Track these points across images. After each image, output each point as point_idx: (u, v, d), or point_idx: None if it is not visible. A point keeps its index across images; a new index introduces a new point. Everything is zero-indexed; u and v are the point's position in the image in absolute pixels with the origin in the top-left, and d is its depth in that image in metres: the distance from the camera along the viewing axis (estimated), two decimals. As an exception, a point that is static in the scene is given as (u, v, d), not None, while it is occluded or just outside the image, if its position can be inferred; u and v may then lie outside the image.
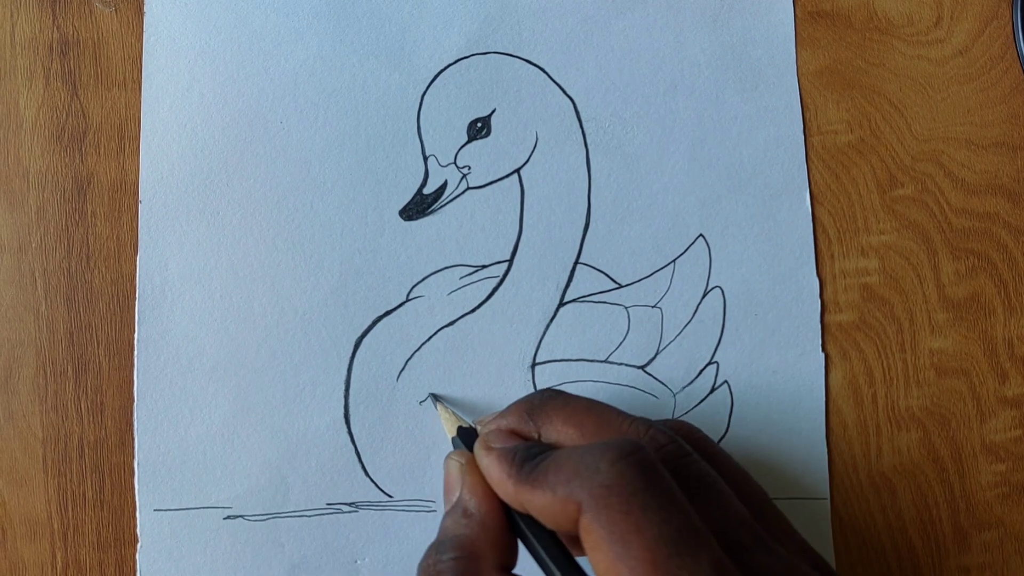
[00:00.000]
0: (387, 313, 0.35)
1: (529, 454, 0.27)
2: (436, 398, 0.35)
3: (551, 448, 0.28)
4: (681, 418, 0.35)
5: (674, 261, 0.36)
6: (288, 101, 0.36)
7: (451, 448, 0.34)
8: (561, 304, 0.36)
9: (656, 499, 0.24)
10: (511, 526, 0.28)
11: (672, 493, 0.24)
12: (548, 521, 0.26)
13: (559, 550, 0.27)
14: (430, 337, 0.35)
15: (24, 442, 0.35)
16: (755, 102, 0.37)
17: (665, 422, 0.30)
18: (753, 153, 0.37)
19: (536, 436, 0.29)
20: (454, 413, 0.33)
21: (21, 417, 0.35)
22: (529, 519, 0.27)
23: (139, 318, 0.35)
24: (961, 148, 0.37)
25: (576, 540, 0.26)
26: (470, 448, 0.30)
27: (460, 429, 0.31)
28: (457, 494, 0.29)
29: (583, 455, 0.25)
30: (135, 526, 0.34)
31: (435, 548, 0.27)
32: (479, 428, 0.31)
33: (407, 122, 0.36)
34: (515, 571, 0.28)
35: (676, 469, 0.26)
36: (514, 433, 0.29)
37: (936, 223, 0.37)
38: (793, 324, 0.36)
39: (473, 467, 0.29)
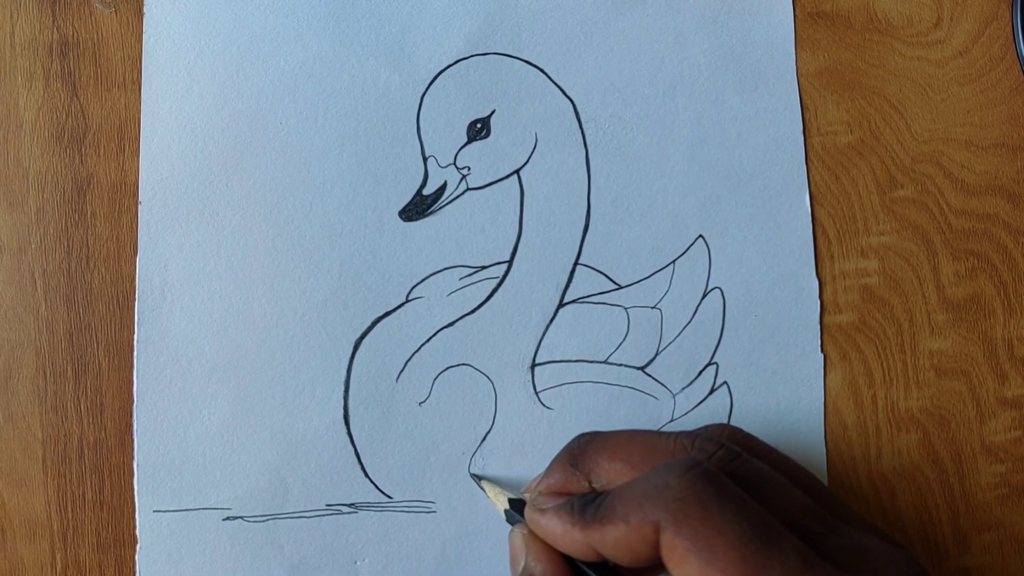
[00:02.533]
0: (387, 314, 0.35)
1: (587, 500, 0.28)
2: (478, 478, 0.35)
3: (607, 492, 0.28)
4: (680, 419, 0.36)
5: (674, 262, 0.36)
6: (288, 102, 0.36)
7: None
8: (561, 305, 0.36)
9: (731, 501, 0.25)
10: None
11: (741, 494, 0.25)
12: (625, 555, 0.26)
13: None
14: (430, 338, 0.35)
15: (24, 443, 0.35)
16: (755, 103, 0.37)
17: (706, 428, 0.31)
18: (753, 154, 0.37)
19: (587, 483, 0.29)
20: (500, 489, 0.33)
21: (21, 418, 0.35)
22: (599, 568, 0.27)
23: (139, 319, 0.35)
24: (961, 149, 0.37)
25: (646, 573, 0.26)
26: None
27: (511, 501, 0.31)
28: (522, 564, 0.29)
29: (648, 478, 0.26)
30: (134, 527, 0.34)
31: None
32: (527, 496, 0.31)
33: (407, 123, 0.36)
34: None
35: (731, 472, 0.27)
36: (563, 491, 0.29)
37: (936, 224, 0.37)
38: (792, 325, 0.36)
39: (535, 535, 0.29)
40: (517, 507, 0.31)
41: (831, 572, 0.24)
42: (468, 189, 0.36)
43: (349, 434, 0.35)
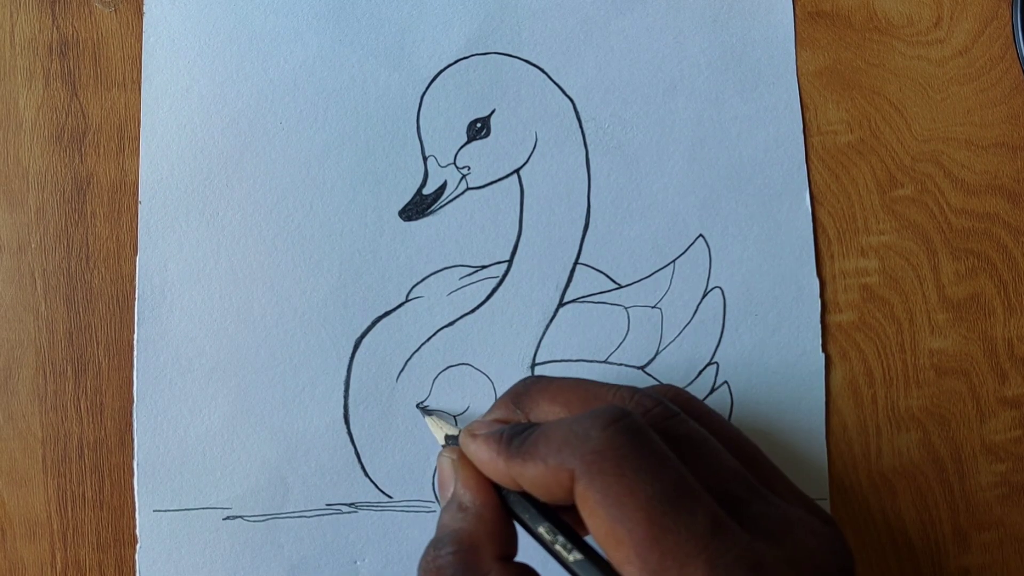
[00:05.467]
0: (387, 313, 0.35)
1: (516, 431, 0.27)
2: (425, 411, 0.35)
3: (538, 425, 0.27)
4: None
5: (674, 261, 0.36)
6: (288, 101, 0.36)
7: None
8: (561, 304, 0.36)
9: (647, 460, 0.24)
10: (507, 511, 0.28)
11: (663, 453, 0.25)
12: (542, 493, 0.26)
13: (557, 523, 0.27)
14: (429, 338, 0.35)
15: (24, 442, 0.35)
16: (755, 102, 0.37)
17: (652, 387, 0.31)
18: (753, 153, 0.37)
19: (525, 422, 0.29)
20: (443, 421, 0.33)
21: (21, 417, 0.35)
22: (525, 499, 0.27)
23: (139, 318, 0.35)
24: (961, 148, 0.37)
25: (571, 511, 0.26)
26: None
27: (447, 436, 0.32)
28: (451, 489, 0.29)
29: (572, 424, 0.26)
30: (134, 526, 0.34)
31: (433, 545, 0.27)
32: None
33: (407, 122, 0.36)
34: (518, 560, 0.28)
35: (664, 430, 0.27)
36: (500, 422, 0.29)
37: (936, 223, 0.37)
38: (793, 324, 0.36)
39: (465, 461, 0.29)
40: (454, 440, 0.31)
41: (741, 537, 0.24)
42: (468, 189, 0.36)
43: (349, 434, 0.35)
